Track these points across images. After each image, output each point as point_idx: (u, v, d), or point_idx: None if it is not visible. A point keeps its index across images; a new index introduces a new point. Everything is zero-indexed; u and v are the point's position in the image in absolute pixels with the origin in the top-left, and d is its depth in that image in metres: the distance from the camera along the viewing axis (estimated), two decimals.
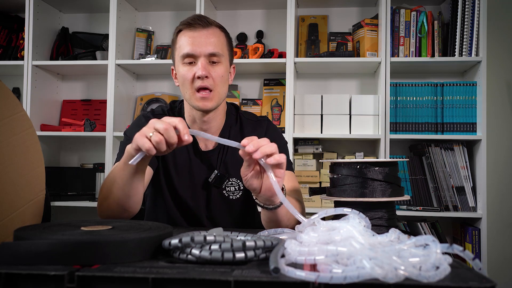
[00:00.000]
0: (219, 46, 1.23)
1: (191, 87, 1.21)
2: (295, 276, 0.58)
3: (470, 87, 2.31)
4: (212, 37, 1.22)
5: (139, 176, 1.03)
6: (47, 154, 2.61)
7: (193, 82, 1.21)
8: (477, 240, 2.22)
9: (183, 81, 1.23)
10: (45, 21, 2.61)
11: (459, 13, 2.29)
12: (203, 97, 1.20)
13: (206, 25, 1.22)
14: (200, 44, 1.20)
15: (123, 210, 1.07)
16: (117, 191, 1.04)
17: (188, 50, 1.20)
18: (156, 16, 2.74)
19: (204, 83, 1.20)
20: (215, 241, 0.69)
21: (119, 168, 1.03)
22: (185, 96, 1.24)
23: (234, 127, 1.35)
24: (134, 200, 1.07)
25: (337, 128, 2.36)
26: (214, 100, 1.22)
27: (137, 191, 1.05)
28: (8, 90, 0.91)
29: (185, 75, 1.21)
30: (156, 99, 2.62)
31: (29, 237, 0.69)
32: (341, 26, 2.61)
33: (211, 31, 1.23)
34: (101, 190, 1.12)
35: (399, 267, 0.58)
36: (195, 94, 1.21)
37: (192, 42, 1.20)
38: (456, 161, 2.31)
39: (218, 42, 1.23)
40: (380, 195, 1.03)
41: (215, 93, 1.22)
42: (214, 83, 1.21)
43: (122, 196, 1.04)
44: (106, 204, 1.08)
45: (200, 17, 1.24)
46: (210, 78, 1.20)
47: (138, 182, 1.04)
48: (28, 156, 0.92)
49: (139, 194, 1.07)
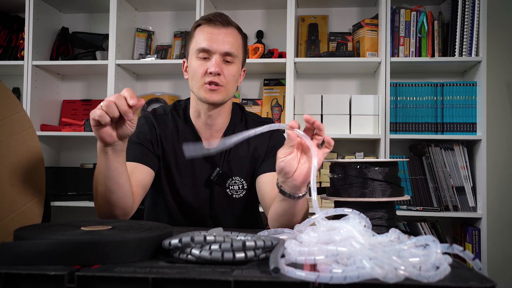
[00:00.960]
0: (235, 46, 1.24)
1: (200, 80, 1.22)
2: (295, 276, 0.58)
3: (470, 87, 2.31)
4: (230, 37, 1.23)
5: (115, 168, 1.00)
6: (47, 154, 2.61)
7: (204, 77, 1.21)
8: (477, 240, 2.22)
9: (193, 74, 1.23)
10: (45, 21, 2.61)
11: (459, 13, 2.29)
12: (211, 89, 1.21)
13: (226, 23, 1.23)
14: (217, 41, 1.21)
15: (111, 205, 1.05)
16: (100, 187, 1.03)
17: (204, 45, 1.21)
18: (156, 16, 2.75)
19: (215, 79, 1.20)
20: (215, 241, 0.69)
21: (97, 167, 1.02)
22: (193, 88, 1.24)
23: (238, 126, 1.35)
24: (119, 195, 1.04)
25: (337, 128, 2.36)
26: (221, 95, 1.22)
27: (120, 184, 1.03)
28: (8, 90, 0.91)
29: (197, 69, 1.22)
30: (156, 99, 2.61)
31: (29, 237, 0.69)
32: (341, 26, 2.61)
33: (230, 30, 1.24)
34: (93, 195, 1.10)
35: (399, 267, 0.58)
36: (204, 86, 1.21)
37: (209, 38, 1.21)
38: (456, 161, 2.31)
39: (235, 42, 1.24)
40: (380, 195, 1.03)
41: (224, 89, 1.22)
42: (225, 80, 1.22)
43: (105, 191, 1.03)
44: (97, 203, 1.07)
45: (221, 15, 1.24)
46: (222, 76, 1.21)
47: (118, 175, 1.02)
48: (28, 156, 0.92)
49: (123, 188, 1.04)
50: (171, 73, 2.67)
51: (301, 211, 1.04)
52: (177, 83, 2.70)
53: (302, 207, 1.03)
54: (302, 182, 0.95)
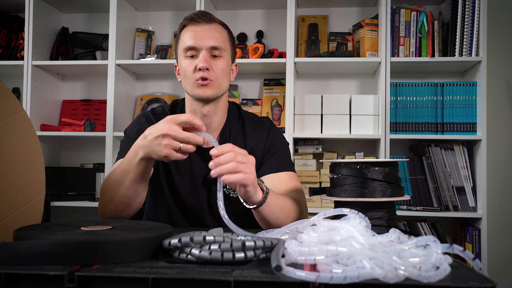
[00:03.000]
0: (220, 40, 1.25)
1: (192, 77, 1.23)
2: (295, 276, 0.58)
3: (470, 87, 2.31)
4: (214, 32, 1.24)
5: (146, 179, 1.10)
6: (47, 154, 2.61)
7: (194, 74, 1.22)
8: (477, 240, 2.22)
9: (184, 73, 1.24)
10: (45, 21, 2.61)
11: (459, 13, 2.29)
12: (203, 84, 1.22)
13: (209, 20, 1.25)
14: (202, 37, 1.22)
15: (129, 206, 1.12)
16: (125, 192, 1.09)
17: (190, 43, 1.22)
18: (156, 16, 2.74)
19: (205, 75, 1.21)
20: (215, 241, 0.69)
21: (125, 172, 1.07)
22: (187, 88, 1.25)
23: (235, 125, 1.35)
24: (139, 201, 1.13)
25: (337, 128, 2.35)
26: (213, 88, 1.23)
27: (143, 190, 1.12)
28: (8, 90, 0.91)
29: (186, 68, 1.23)
30: (156, 99, 2.62)
31: (29, 237, 0.69)
32: (341, 26, 2.61)
33: (214, 26, 1.25)
34: (103, 192, 1.14)
35: (399, 267, 0.57)
36: (195, 82, 1.22)
37: (194, 35, 1.22)
38: (456, 161, 2.31)
39: (220, 37, 1.25)
40: (380, 195, 1.03)
41: (214, 83, 1.23)
42: (215, 74, 1.23)
43: (132, 194, 1.10)
44: (112, 206, 1.12)
45: (204, 13, 1.26)
46: (211, 70, 1.22)
47: (145, 184, 1.11)
48: (28, 156, 0.92)
49: (144, 193, 1.14)
50: (171, 73, 2.67)
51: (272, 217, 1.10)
52: (177, 83, 2.70)
53: (271, 212, 1.09)
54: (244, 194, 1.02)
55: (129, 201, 1.11)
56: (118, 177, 1.09)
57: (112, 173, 1.13)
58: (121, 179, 1.08)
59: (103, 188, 1.15)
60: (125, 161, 1.08)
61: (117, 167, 1.11)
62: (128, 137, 1.28)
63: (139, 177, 1.07)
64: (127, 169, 1.07)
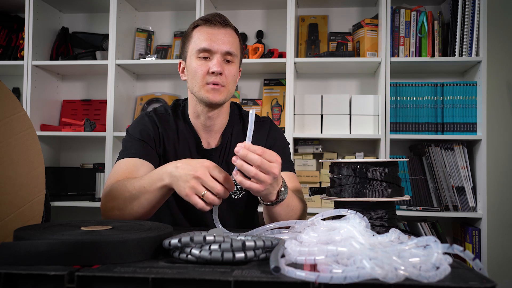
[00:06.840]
0: (234, 46, 1.25)
1: (202, 80, 1.22)
2: (295, 276, 0.58)
3: (470, 87, 2.31)
4: (229, 37, 1.24)
5: (161, 203, 1.09)
6: (47, 154, 2.61)
7: (205, 77, 1.22)
8: (477, 240, 2.22)
9: (194, 74, 1.23)
10: (45, 21, 2.61)
11: (459, 13, 2.29)
12: (213, 89, 1.21)
13: (225, 24, 1.25)
14: (218, 41, 1.22)
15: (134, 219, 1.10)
16: (139, 209, 1.07)
17: (205, 45, 1.21)
18: (156, 16, 2.74)
19: (217, 80, 1.21)
20: (215, 241, 0.69)
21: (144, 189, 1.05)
22: (194, 89, 1.24)
23: (236, 126, 1.35)
24: (148, 217, 1.12)
25: (337, 128, 2.36)
26: (223, 95, 1.23)
27: (154, 211, 1.11)
28: (8, 90, 0.91)
29: (197, 69, 1.22)
30: (156, 99, 2.62)
31: (29, 237, 0.69)
32: (341, 26, 2.61)
33: (229, 31, 1.25)
34: (112, 198, 1.10)
35: (399, 267, 0.57)
36: (205, 86, 1.22)
37: (210, 37, 1.22)
38: (456, 161, 2.31)
39: (234, 42, 1.25)
40: (380, 195, 1.03)
41: (225, 89, 1.23)
42: (226, 80, 1.23)
43: (139, 213, 1.09)
44: (119, 214, 1.09)
45: (219, 16, 1.25)
46: (224, 76, 1.22)
47: (159, 206, 1.10)
48: (28, 156, 0.92)
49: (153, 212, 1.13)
50: (171, 73, 2.67)
51: (282, 215, 1.10)
52: (177, 83, 2.70)
53: (282, 211, 1.09)
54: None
55: (139, 216, 1.09)
56: (134, 191, 1.06)
57: (128, 183, 1.09)
58: (137, 194, 1.05)
59: (112, 194, 1.11)
60: (148, 179, 1.05)
61: (136, 181, 1.08)
62: (131, 137, 1.28)
63: (156, 200, 1.05)
64: (147, 188, 1.04)
